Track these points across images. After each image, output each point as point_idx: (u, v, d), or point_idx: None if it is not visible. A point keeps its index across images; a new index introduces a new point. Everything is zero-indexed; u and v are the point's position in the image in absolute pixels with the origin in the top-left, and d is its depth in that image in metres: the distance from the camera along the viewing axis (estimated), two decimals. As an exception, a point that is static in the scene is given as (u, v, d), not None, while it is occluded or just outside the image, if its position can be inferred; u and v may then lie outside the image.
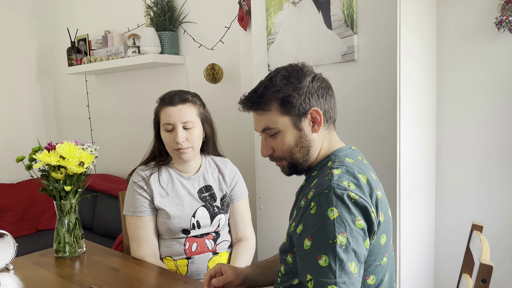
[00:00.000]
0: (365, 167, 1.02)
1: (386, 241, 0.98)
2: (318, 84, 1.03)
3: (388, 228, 0.99)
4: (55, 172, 1.44)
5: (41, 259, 1.49)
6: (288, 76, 1.01)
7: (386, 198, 1.03)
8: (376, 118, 1.51)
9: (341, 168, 0.96)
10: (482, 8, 1.69)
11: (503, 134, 1.70)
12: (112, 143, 3.25)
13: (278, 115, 1.01)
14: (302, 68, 1.04)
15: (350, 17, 1.53)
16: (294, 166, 1.06)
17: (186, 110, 1.46)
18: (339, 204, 0.89)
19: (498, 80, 1.69)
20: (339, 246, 0.86)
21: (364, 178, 0.96)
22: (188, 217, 1.49)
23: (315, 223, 0.90)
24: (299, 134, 1.02)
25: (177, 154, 1.48)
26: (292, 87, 1.00)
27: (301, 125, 1.01)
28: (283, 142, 1.03)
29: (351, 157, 1.02)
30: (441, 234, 1.89)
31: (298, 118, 1.01)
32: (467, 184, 1.80)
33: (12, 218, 3.10)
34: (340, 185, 0.91)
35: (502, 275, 1.72)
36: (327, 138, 1.06)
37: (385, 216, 0.97)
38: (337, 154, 1.03)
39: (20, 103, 3.50)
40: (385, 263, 0.99)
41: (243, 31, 2.20)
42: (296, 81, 1.00)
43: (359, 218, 0.89)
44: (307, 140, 1.02)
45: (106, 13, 3.10)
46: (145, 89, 2.94)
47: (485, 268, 0.93)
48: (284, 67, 1.05)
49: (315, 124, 1.02)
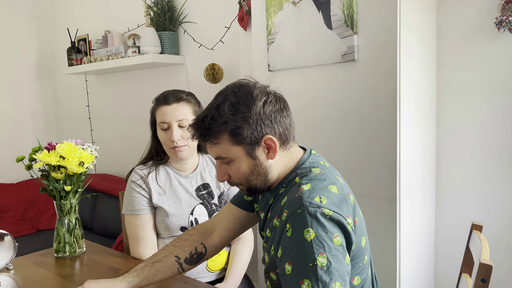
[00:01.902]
0: (331, 172, 0.99)
1: (366, 241, 0.99)
2: (270, 108, 0.95)
3: (363, 228, 0.99)
4: (55, 172, 1.44)
5: (41, 259, 1.49)
6: (237, 103, 0.93)
7: (355, 198, 1.02)
8: (376, 118, 1.51)
9: (310, 183, 0.93)
10: (482, 8, 1.69)
11: (503, 134, 1.70)
12: (112, 143, 3.25)
13: (230, 145, 0.95)
14: (252, 91, 0.95)
15: (350, 17, 1.53)
16: (253, 190, 1.02)
17: (181, 109, 1.48)
18: (314, 223, 0.85)
19: (498, 80, 1.69)
20: (320, 268, 0.83)
21: (334, 188, 0.93)
22: (186, 214, 1.50)
23: (292, 246, 0.87)
24: (254, 163, 0.97)
25: (173, 152, 1.49)
26: (241, 117, 0.93)
27: (255, 153, 0.96)
28: (238, 171, 0.98)
29: (316, 166, 0.99)
30: (441, 234, 1.89)
31: (251, 147, 0.95)
32: (467, 184, 1.80)
33: (12, 218, 3.10)
34: (313, 203, 0.88)
35: (502, 274, 1.72)
36: (286, 157, 1.00)
37: (360, 219, 0.97)
38: (301, 167, 1.00)
39: (20, 103, 3.50)
40: (367, 261, 1.01)
41: (243, 31, 2.20)
42: (245, 109, 0.93)
43: (336, 235, 0.86)
44: (263, 167, 0.98)
45: (106, 13, 3.10)
46: (145, 89, 2.94)
47: (484, 267, 0.93)
48: (233, 90, 0.96)
49: (270, 151, 0.96)
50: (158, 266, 1.15)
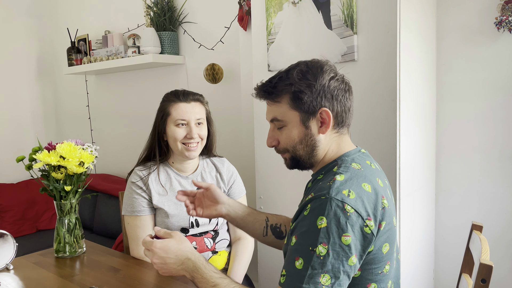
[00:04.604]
0: (372, 173, 0.98)
1: (389, 249, 0.96)
2: (336, 85, 0.99)
3: (391, 237, 0.96)
4: (55, 172, 1.44)
5: (41, 259, 1.49)
6: (306, 71, 0.99)
7: (393, 205, 1.01)
8: (376, 118, 1.51)
9: (345, 174, 0.94)
10: (482, 8, 1.69)
11: (503, 134, 1.70)
12: (112, 143, 3.25)
13: (288, 108, 1.00)
14: (323, 65, 1.00)
15: (350, 17, 1.53)
16: (297, 161, 1.04)
17: (199, 108, 1.52)
18: (331, 214, 0.87)
19: (498, 80, 1.69)
20: (316, 255, 0.86)
21: (368, 187, 0.93)
22: (186, 215, 1.50)
23: (303, 225, 0.91)
24: (305, 132, 1.00)
25: (185, 148, 1.49)
26: (306, 84, 0.98)
27: (309, 123, 0.99)
28: (288, 136, 1.02)
29: (358, 162, 1.00)
30: (441, 234, 1.89)
31: (306, 116, 0.99)
32: (467, 184, 1.80)
33: (12, 218, 3.10)
34: (339, 194, 0.89)
35: (502, 275, 1.72)
36: (335, 141, 1.03)
37: (388, 225, 0.94)
38: (344, 159, 1.01)
39: (20, 103, 3.50)
40: (388, 271, 0.97)
41: (243, 31, 2.20)
42: (312, 78, 0.98)
43: (348, 234, 0.86)
44: (312, 139, 1.01)
45: (106, 13, 3.10)
46: (145, 89, 2.94)
47: (485, 268, 0.93)
48: (305, 61, 1.02)
49: (323, 125, 1.00)
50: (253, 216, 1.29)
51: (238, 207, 1.29)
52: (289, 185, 1.76)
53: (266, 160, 1.84)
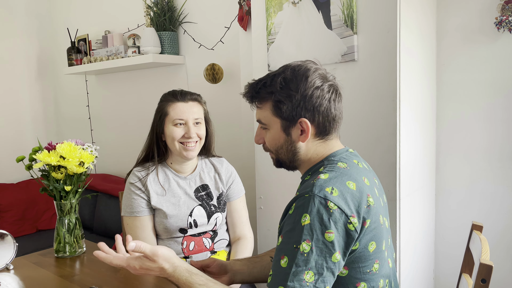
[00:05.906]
0: (358, 171, 0.98)
1: (376, 248, 0.95)
2: (320, 94, 0.97)
3: (378, 236, 0.95)
4: (55, 172, 1.44)
5: (41, 259, 1.49)
6: (290, 80, 0.98)
7: (383, 205, 1.01)
8: (376, 118, 1.51)
9: (329, 173, 0.94)
10: (482, 8, 1.69)
11: (503, 134, 1.70)
12: (112, 143, 3.25)
13: (270, 114, 1.01)
14: (308, 74, 0.98)
15: (350, 17, 1.53)
16: (280, 163, 1.07)
17: (197, 108, 1.52)
18: (313, 212, 0.88)
19: (498, 80, 1.69)
20: (300, 253, 0.87)
21: (353, 184, 0.93)
22: (184, 216, 1.50)
23: (288, 223, 0.92)
24: (286, 139, 1.01)
25: (183, 148, 1.49)
26: (286, 94, 0.97)
27: (289, 130, 1.00)
28: (271, 139, 1.04)
29: (345, 161, 1.00)
30: (441, 234, 1.89)
31: (287, 123, 1.00)
32: (467, 184, 1.80)
33: (12, 218, 3.10)
34: (322, 192, 0.89)
35: (502, 275, 1.72)
36: (321, 146, 1.02)
37: (374, 223, 0.94)
38: (330, 159, 1.01)
39: (20, 103, 3.50)
40: (377, 270, 0.96)
41: (243, 31, 2.20)
42: (294, 88, 0.97)
43: (331, 231, 0.87)
44: (293, 146, 1.01)
45: (106, 13, 3.10)
46: (145, 89, 2.94)
47: (485, 268, 0.93)
48: (293, 66, 1.00)
49: (303, 134, 1.00)
50: (259, 264, 1.25)
51: (239, 265, 1.24)
52: (289, 185, 1.75)
53: (266, 160, 1.84)
